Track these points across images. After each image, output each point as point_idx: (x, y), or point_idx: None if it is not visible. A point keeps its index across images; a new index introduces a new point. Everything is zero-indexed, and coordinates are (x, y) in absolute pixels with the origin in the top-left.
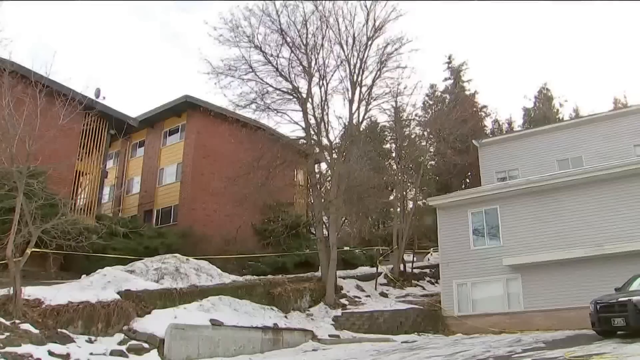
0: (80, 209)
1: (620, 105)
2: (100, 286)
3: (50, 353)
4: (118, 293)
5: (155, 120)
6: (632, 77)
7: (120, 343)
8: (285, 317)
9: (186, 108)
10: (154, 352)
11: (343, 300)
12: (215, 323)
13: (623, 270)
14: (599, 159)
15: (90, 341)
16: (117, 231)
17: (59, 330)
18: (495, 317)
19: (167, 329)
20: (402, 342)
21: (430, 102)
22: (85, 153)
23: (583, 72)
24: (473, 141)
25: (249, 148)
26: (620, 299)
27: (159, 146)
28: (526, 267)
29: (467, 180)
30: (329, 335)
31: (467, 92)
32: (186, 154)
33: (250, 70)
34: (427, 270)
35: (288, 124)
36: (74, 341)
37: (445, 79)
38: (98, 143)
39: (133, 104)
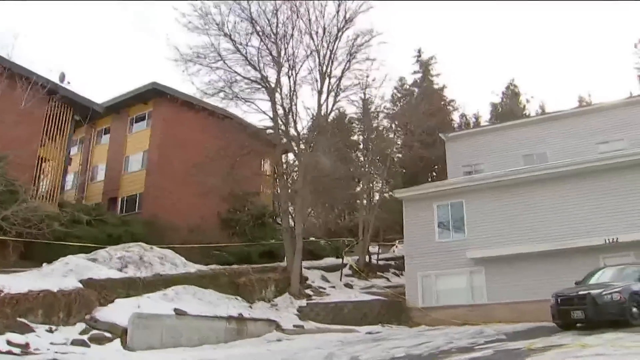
0: (42, 196)
1: (584, 103)
2: (62, 274)
3: (9, 342)
4: (80, 282)
5: (121, 107)
6: (597, 77)
7: (82, 332)
8: (250, 307)
9: (153, 95)
10: (117, 341)
11: (308, 291)
12: (179, 312)
13: (583, 264)
14: (563, 155)
15: (50, 330)
16: (80, 219)
17: (18, 319)
18: (459, 309)
19: (130, 318)
20: (366, 333)
21: (399, 95)
22: (48, 139)
23: (551, 71)
24: (440, 135)
25: (216, 137)
26: (579, 293)
27: (125, 133)
28: (490, 260)
29: (434, 174)
30: (294, 326)
31: (436, 86)
32: (152, 142)
33: (219, 58)
34: (392, 262)
35: (256, 114)
36: (34, 330)
37: (414, 72)
38: (61, 129)
39: (101, 90)
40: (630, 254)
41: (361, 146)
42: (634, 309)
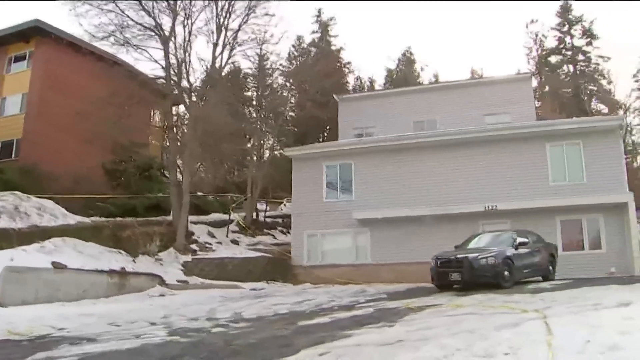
0: None
1: (476, 76)
2: None
3: None
4: None
5: None
6: (490, 52)
7: None
8: (133, 261)
9: (36, 34)
10: None
11: (193, 246)
12: (57, 266)
13: (463, 229)
14: (452, 124)
15: None
16: None
17: None
18: (343, 268)
19: (1, 272)
20: (250, 290)
21: (296, 54)
22: None
23: (447, 42)
24: (334, 96)
25: (104, 83)
26: (458, 256)
27: (2, 73)
28: (375, 222)
29: (325, 134)
30: (178, 281)
31: (333, 47)
32: (33, 84)
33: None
34: (280, 220)
35: (148, 62)
36: None
37: (313, 32)
38: None
39: None
40: (508, 222)
41: (254, 102)
42: (506, 272)
